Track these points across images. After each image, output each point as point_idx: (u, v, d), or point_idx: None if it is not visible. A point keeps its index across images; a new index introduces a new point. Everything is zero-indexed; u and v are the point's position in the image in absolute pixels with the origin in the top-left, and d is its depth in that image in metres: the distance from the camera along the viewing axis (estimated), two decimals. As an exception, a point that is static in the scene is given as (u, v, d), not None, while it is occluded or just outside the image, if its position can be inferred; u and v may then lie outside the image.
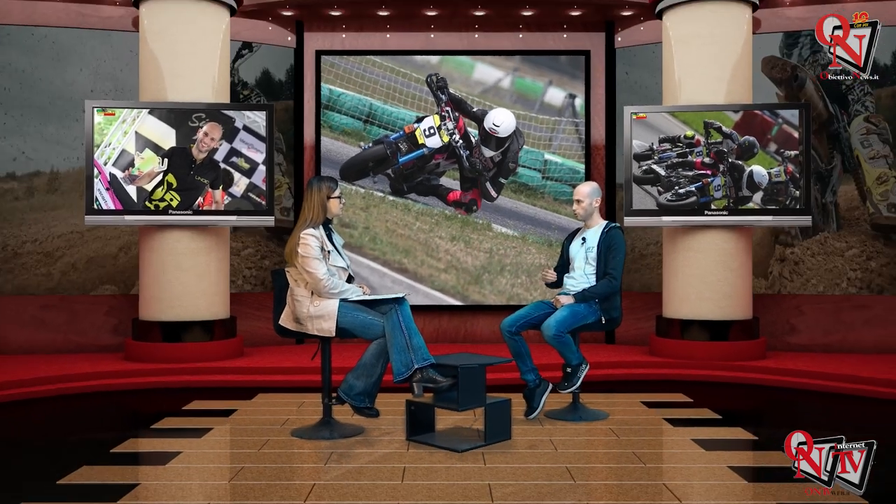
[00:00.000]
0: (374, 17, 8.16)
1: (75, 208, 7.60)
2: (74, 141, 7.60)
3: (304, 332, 4.56)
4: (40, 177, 7.68)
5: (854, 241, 7.66)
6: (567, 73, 8.28)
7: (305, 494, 3.53)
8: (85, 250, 7.74)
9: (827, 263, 7.70)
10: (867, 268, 7.61)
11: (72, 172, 7.68)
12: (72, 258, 7.72)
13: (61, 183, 7.71)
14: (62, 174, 7.71)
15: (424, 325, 7.78)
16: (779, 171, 6.94)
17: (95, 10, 7.64)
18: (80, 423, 5.53)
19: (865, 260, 7.62)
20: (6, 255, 7.58)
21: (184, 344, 6.90)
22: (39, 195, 7.68)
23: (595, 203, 5.13)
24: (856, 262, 7.64)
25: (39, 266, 7.64)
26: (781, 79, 7.79)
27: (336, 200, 4.61)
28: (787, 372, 6.58)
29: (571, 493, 3.58)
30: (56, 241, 7.72)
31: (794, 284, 7.76)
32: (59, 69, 7.66)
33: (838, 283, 7.66)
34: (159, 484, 3.74)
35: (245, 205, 7.01)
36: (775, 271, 7.82)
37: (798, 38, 7.78)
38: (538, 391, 4.97)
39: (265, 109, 7.09)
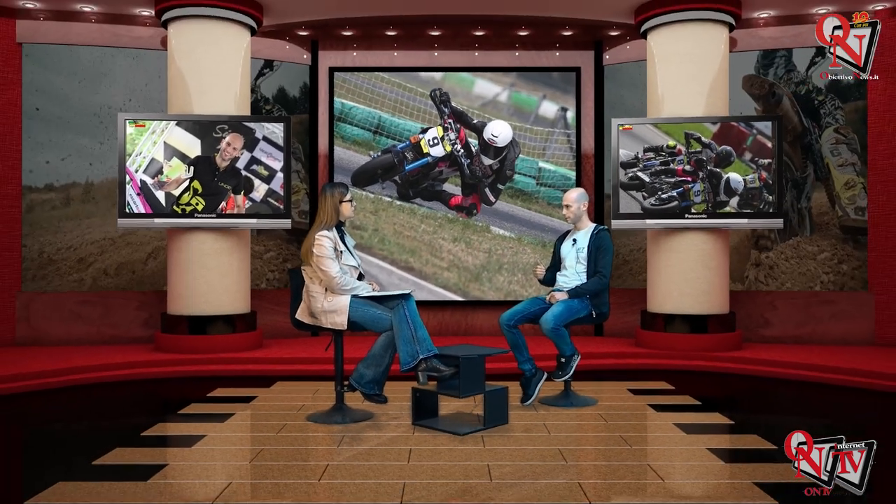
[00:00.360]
0: (382, 37, 8.16)
1: (108, 216, 7.60)
2: (108, 153, 7.59)
3: (318, 325, 4.56)
4: (76, 187, 7.65)
5: (825, 244, 7.65)
6: (559, 88, 8.28)
7: (320, 474, 3.54)
8: (116, 256, 7.69)
9: (800, 267, 7.68)
10: (839, 270, 7.59)
11: (105, 183, 7.67)
12: (103, 263, 7.67)
13: (95, 193, 7.69)
14: (96, 185, 7.69)
15: (429, 319, 7.80)
16: (753, 178, 6.93)
17: (128, 30, 7.64)
18: (114, 409, 5.54)
19: (837, 263, 7.60)
20: (42, 262, 7.54)
21: (208, 336, 6.90)
22: (75, 204, 7.64)
23: (583, 207, 5.15)
24: (828, 266, 7.62)
25: (73, 272, 7.59)
26: (760, 95, 7.78)
27: (348, 204, 4.62)
28: (761, 362, 6.57)
29: (564, 473, 3.58)
30: (89, 247, 7.66)
31: (769, 288, 7.74)
32: (92, 87, 7.62)
33: (812, 286, 7.64)
34: (186, 464, 3.75)
35: (264, 209, 7.02)
36: (751, 275, 7.79)
37: (774, 58, 7.76)
38: (534, 380, 4.97)
39: (283, 122, 7.09)
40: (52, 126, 7.55)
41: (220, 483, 3.42)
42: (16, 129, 7.43)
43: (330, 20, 7.76)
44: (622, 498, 3.23)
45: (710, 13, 7.00)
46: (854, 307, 7.55)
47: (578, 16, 7.66)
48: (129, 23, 7.63)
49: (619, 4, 7.30)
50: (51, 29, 7.50)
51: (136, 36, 7.66)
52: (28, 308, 7.49)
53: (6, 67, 7.38)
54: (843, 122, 7.59)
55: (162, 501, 3.21)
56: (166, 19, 7.03)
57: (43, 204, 7.58)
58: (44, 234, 7.57)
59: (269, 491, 3.31)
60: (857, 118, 7.55)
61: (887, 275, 7.41)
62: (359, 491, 3.34)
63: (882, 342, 7.43)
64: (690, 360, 6.72)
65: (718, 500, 3.26)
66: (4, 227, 7.39)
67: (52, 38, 7.51)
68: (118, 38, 7.63)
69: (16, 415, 5.21)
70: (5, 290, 7.41)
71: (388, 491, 3.30)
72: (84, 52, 7.59)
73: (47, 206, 7.59)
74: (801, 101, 7.71)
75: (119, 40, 7.64)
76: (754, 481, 3.44)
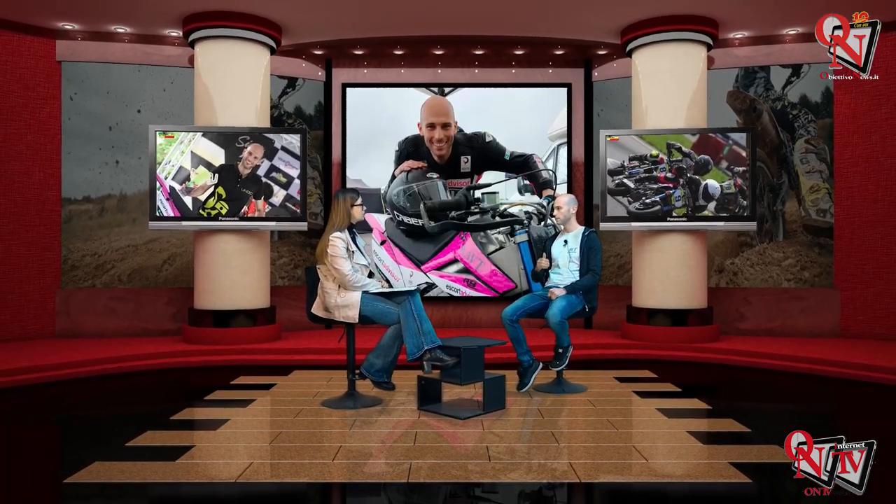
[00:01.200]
0: (391, 55, 8.16)
1: (137, 224, 7.57)
2: (139, 167, 7.56)
3: (332, 318, 4.56)
4: (111, 199, 7.62)
5: (791, 251, 7.62)
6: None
7: (333, 454, 3.54)
8: (130, 262, 7.61)
9: (763, 273, 7.65)
10: (801, 277, 7.57)
11: (137, 195, 7.63)
12: (118, 270, 7.58)
13: (128, 203, 7.65)
14: (129, 196, 7.65)
15: (433, 313, 7.79)
16: (729, 185, 6.92)
17: (158, 49, 7.65)
18: (145, 395, 5.54)
19: (800, 269, 7.58)
20: (64, 269, 7.49)
21: (231, 329, 6.90)
22: (108, 214, 7.59)
23: (572, 210, 5.18)
24: (790, 272, 7.60)
25: (88, 278, 7.54)
26: (742, 109, 7.76)
27: (358, 208, 4.61)
28: (737, 352, 6.56)
29: (556, 454, 3.58)
30: (112, 253, 7.59)
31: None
32: (125, 106, 7.60)
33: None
34: (211, 446, 3.75)
35: (283, 212, 7.01)
36: (712, 282, 7.70)
37: (755, 77, 7.75)
38: (530, 370, 4.98)
39: (299, 133, 7.09)
40: (87, 141, 7.51)
41: (242, 463, 3.42)
42: (55, 140, 7.44)
43: (343, 40, 7.76)
44: (609, 477, 3.23)
45: (689, 34, 6.99)
46: (821, 302, 7.54)
47: (569, 36, 7.67)
48: (159, 43, 7.63)
49: (606, 26, 7.30)
50: (88, 48, 7.50)
51: (166, 55, 7.66)
52: (67, 303, 7.49)
53: (47, 84, 7.39)
54: (815, 133, 7.58)
55: (189, 479, 3.21)
56: (193, 39, 7.03)
57: (81, 214, 7.52)
58: (75, 241, 7.50)
59: (287, 470, 3.31)
60: (826, 133, 7.55)
61: (851, 273, 7.40)
62: (369, 470, 3.34)
63: (847, 334, 7.42)
64: (672, 351, 6.71)
65: (697, 478, 3.26)
66: (46, 230, 7.40)
67: (89, 57, 7.51)
68: (149, 57, 7.63)
69: (56, 401, 5.22)
70: (46, 287, 7.41)
71: (395, 470, 3.30)
72: (116, 72, 7.58)
73: (84, 216, 7.53)
74: (778, 116, 7.69)
75: (150, 59, 7.64)
76: (730, 461, 3.43)
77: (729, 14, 6.95)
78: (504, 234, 7.92)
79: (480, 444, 3.73)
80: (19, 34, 7.20)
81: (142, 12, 6.94)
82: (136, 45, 7.60)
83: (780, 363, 6.21)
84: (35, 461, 3.67)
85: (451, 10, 6.91)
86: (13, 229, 7.20)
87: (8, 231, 7.17)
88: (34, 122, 7.32)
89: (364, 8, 6.82)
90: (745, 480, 3.16)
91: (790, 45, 7.57)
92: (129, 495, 3.05)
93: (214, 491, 3.12)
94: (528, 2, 6.69)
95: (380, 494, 3.10)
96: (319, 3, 6.70)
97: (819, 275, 7.53)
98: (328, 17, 7.03)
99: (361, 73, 8.29)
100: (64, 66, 7.46)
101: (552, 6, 6.78)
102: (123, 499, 3.03)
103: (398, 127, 8.13)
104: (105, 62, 7.55)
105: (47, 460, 3.75)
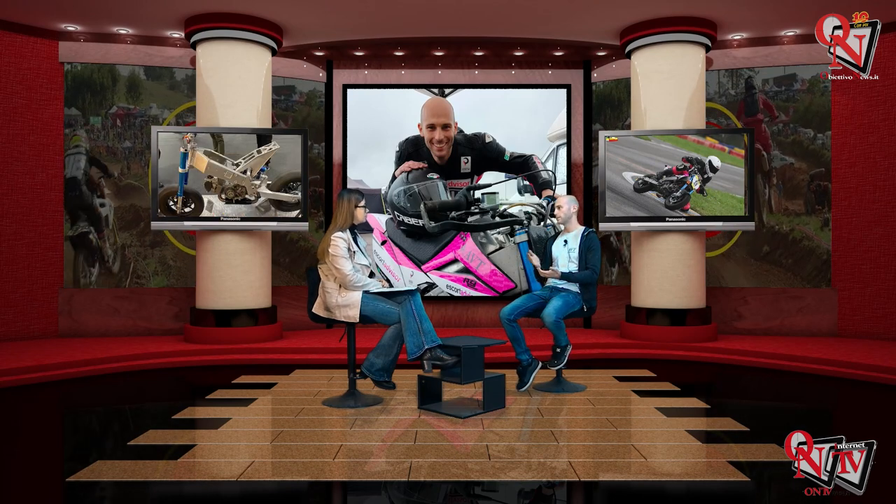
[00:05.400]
0: (391, 57, 8.16)
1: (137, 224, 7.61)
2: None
3: (333, 318, 4.56)
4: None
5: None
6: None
7: (334, 453, 3.54)
8: None
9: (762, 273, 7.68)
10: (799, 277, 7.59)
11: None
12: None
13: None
14: None
15: (433, 313, 7.81)
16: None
17: (160, 50, 7.65)
18: (147, 394, 5.54)
19: (798, 269, 7.60)
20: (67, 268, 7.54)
21: (233, 328, 6.90)
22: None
23: (573, 209, 5.19)
24: (789, 272, 7.61)
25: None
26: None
27: (361, 209, 4.61)
28: (735, 352, 6.56)
29: (556, 453, 3.57)
30: None
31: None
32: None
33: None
34: (213, 445, 3.74)
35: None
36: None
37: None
38: (529, 368, 4.98)
39: (300, 133, 7.09)
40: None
41: (243, 462, 3.42)
42: (58, 141, 7.44)
43: (343, 42, 7.75)
44: (609, 475, 3.23)
45: (688, 35, 6.99)
46: (819, 302, 7.53)
47: (569, 38, 7.66)
48: (160, 44, 7.63)
49: (605, 27, 7.29)
50: (90, 50, 7.50)
51: (168, 56, 7.66)
52: (69, 303, 7.49)
53: (50, 85, 7.39)
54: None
55: (191, 478, 3.21)
56: (195, 41, 7.03)
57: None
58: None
59: (289, 469, 3.30)
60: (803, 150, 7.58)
61: (849, 272, 7.40)
62: (370, 469, 3.34)
63: (844, 334, 7.42)
64: (670, 350, 6.72)
65: (696, 477, 3.26)
66: (49, 230, 7.40)
67: (92, 58, 7.51)
68: (150, 58, 7.63)
69: (59, 400, 5.22)
70: (49, 287, 7.41)
71: (396, 469, 3.30)
72: (122, 70, 7.60)
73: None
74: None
75: (151, 59, 7.64)
76: (728, 460, 3.43)
77: (727, 15, 6.95)
78: (504, 235, 7.92)
79: (480, 442, 3.73)
80: (22, 36, 7.20)
81: (144, 14, 6.94)
82: (138, 47, 7.59)
83: (778, 362, 6.21)
84: (38, 460, 3.67)
85: (451, 12, 6.91)
86: (17, 229, 7.20)
87: (11, 231, 7.17)
88: (37, 123, 7.32)
89: (365, 10, 6.82)
90: (743, 479, 3.16)
91: (788, 46, 7.57)
92: (131, 494, 3.04)
93: (216, 489, 3.12)
94: (527, 4, 6.69)
95: (380, 493, 3.10)
96: (320, 5, 6.70)
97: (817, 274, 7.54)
98: (329, 18, 7.03)
99: (362, 74, 8.28)
100: (67, 68, 7.46)
101: (552, 8, 6.78)
102: (125, 497, 3.03)
103: (399, 128, 8.13)
104: (106, 63, 7.55)
105: (50, 459, 3.75)
